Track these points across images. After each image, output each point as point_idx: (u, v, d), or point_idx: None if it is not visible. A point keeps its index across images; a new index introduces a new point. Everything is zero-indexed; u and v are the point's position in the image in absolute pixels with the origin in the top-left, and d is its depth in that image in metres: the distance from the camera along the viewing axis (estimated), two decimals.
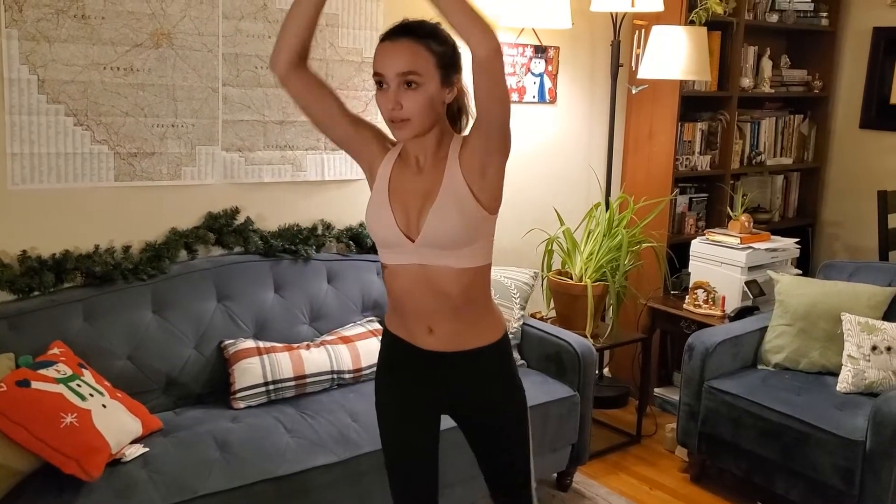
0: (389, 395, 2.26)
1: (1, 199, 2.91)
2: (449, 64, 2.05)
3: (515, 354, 3.60)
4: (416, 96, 1.97)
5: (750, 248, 4.09)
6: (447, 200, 2.03)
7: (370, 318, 3.49)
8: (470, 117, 2.16)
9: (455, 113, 2.16)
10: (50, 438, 2.43)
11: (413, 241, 2.04)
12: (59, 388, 2.56)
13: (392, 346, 2.23)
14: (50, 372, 2.60)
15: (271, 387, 3.09)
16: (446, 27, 2.00)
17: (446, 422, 3.05)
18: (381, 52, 2.00)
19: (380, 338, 2.34)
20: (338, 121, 2.12)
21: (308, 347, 3.23)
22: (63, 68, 2.95)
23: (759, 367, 3.72)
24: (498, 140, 2.02)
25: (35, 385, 2.51)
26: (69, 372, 2.65)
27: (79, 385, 2.63)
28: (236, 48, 3.29)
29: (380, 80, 2.00)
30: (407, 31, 2.01)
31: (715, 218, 4.66)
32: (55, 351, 2.75)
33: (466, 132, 2.13)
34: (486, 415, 2.24)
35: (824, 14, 4.97)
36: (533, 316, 3.93)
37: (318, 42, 3.46)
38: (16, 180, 2.92)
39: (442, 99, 2.04)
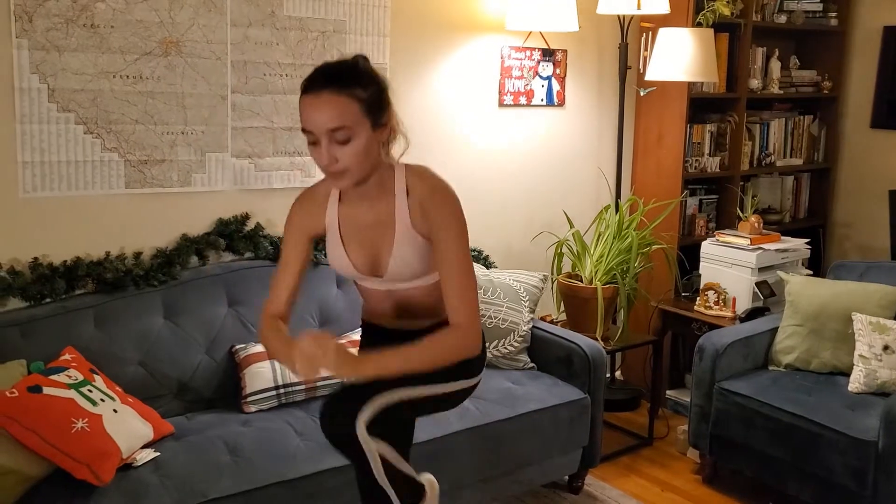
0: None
1: (13, 207, 2.94)
2: (376, 106, 2.01)
3: (525, 357, 3.61)
4: (349, 150, 1.97)
5: (760, 249, 4.08)
6: (404, 243, 2.10)
7: None
8: (402, 137, 2.17)
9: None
10: (61, 443, 2.45)
11: (380, 277, 2.15)
12: (71, 394, 2.58)
13: (365, 328, 2.39)
14: (61, 378, 2.62)
15: (282, 391, 3.10)
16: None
17: (458, 424, 3.07)
18: (306, 108, 1.97)
19: None
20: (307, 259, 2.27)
21: None
22: (73, 77, 2.97)
23: (770, 367, 3.71)
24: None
25: (47, 391, 2.54)
26: (80, 377, 2.67)
27: (90, 390, 2.65)
28: (244, 55, 3.31)
29: (311, 138, 1.99)
30: (328, 81, 1.96)
31: (725, 219, 4.66)
32: (67, 357, 2.78)
33: (401, 158, 2.17)
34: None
35: (833, 14, 4.96)
36: (543, 319, 3.94)
37: (326, 49, 3.49)
38: (27, 188, 2.95)
39: (377, 141, 2.03)
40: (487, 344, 3.53)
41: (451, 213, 2.08)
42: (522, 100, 4.14)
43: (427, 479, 2.36)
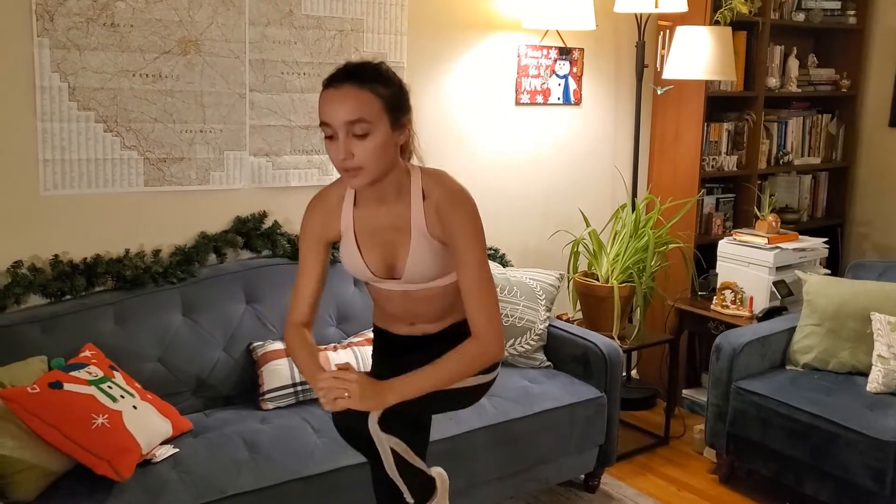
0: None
1: (33, 205, 2.97)
2: (397, 106, 2.01)
3: (541, 355, 3.60)
4: (366, 145, 1.95)
5: (778, 248, 4.06)
6: (420, 247, 2.09)
7: None
8: (415, 155, 2.19)
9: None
10: (82, 439, 2.47)
11: (397, 280, 2.14)
12: (91, 390, 2.60)
13: (378, 335, 2.40)
14: (82, 374, 2.65)
15: (299, 388, 3.11)
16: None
17: (474, 422, 3.07)
18: (326, 101, 1.97)
19: None
20: (326, 263, 2.25)
21: (335, 349, 3.25)
22: (93, 76, 3.00)
23: (788, 367, 3.70)
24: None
25: (67, 387, 2.56)
26: (100, 374, 2.69)
27: (110, 387, 2.67)
28: (263, 54, 3.32)
29: (328, 132, 1.98)
30: (350, 76, 1.96)
31: (742, 218, 4.64)
32: (87, 353, 2.80)
33: (415, 161, 2.19)
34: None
35: (852, 12, 4.93)
36: (559, 318, 3.93)
37: (343, 47, 3.50)
38: (48, 186, 2.97)
39: (394, 142, 2.02)
40: (504, 342, 3.54)
41: (468, 219, 2.07)
42: (539, 98, 4.14)
43: (437, 472, 2.37)
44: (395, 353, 2.32)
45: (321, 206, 2.20)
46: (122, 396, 2.67)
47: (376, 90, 1.96)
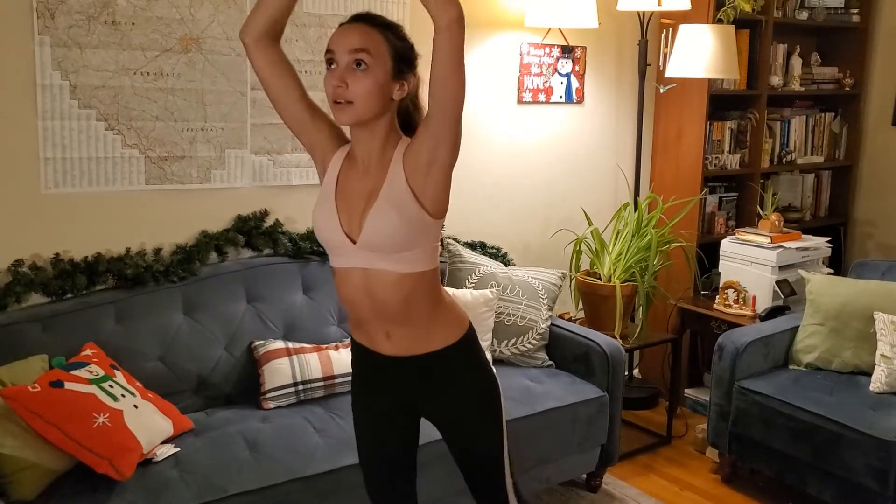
0: (361, 404, 2.25)
1: (34, 203, 2.96)
2: (402, 58, 2.02)
3: (543, 355, 3.59)
4: (363, 78, 1.94)
5: (781, 247, 4.05)
6: (387, 202, 1.99)
7: None
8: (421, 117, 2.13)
9: (406, 117, 2.12)
10: (83, 438, 2.46)
11: (354, 243, 2.02)
12: (92, 389, 2.59)
13: (356, 352, 2.21)
14: (83, 373, 2.64)
15: (300, 387, 3.11)
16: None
17: None
18: (336, 33, 1.98)
19: None
20: (295, 102, 2.07)
21: (337, 348, 3.24)
22: (94, 74, 2.99)
23: (791, 367, 3.69)
24: (448, 133, 1.99)
25: (68, 386, 2.55)
26: (101, 373, 2.69)
27: (111, 386, 2.66)
28: None
29: (330, 59, 1.97)
30: (366, 18, 2.00)
31: (745, 217, 4.63)
32: (88, 352, 2.79)
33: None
34: (453, 411, 2.20)
35: (855, 11, 4.92)
36: (561, 317, 3.93)
37: None
38: (49, 184, 2.97)
39: (390, 91, 2.00)
40: (506, 342, 3.54)
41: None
42: (541, 97, 4.13)
43: None
44: (375, 375, 2.21)
45: (341, 137, 2.14)
46: (123, 395, 2.67)
47: (387, 35, 1.99)
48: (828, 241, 4.30)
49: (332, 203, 2.06)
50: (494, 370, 2.27)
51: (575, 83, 4.24)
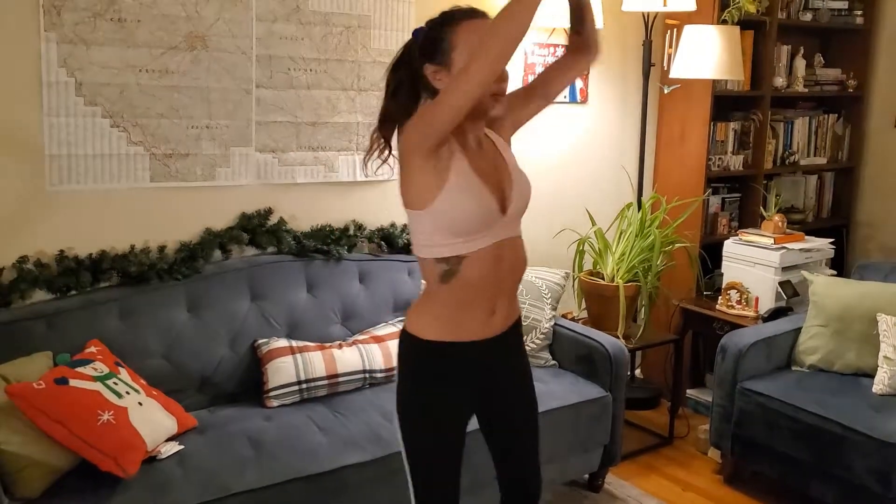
0: (443, 408, 2.16)
1: (40, 200, 2.96)
2: None
3: (546, 354, 3.60)
4: None
5: (784, 248, 4.05)
6: (514, 167, 2.19)
7: (401, 318, 3.50)
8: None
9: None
10: (87, 436, 2.46)
11: (504, 214, 2.09)
12: (96, 386, 2.59)
13: (443, 354, 2.11)
14: (87, 370, 2.64)
15: (304, 386, 3.11)
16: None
17: (477, 421, 3.05)
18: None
19: None
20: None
21: (340, 347, 3.25)
22: (100, 71, 2.99)
23: (794, 368, 3.69)
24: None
25: (73, 383, 2.55)
26: (106, 370, 2.69)
27: (115, 383, 2.66)
28: (269, 50, 3.31)
29: None
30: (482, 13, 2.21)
31: (748, 218, 4.63)
32: (92, 349, 2.79)
33: None
34: (521, 377, 2.32)
35: (859, 12, 4.92)
36: (564, 316, 3.93)
37: (350, 44, 3.48)
38: (54, 181, 2.97)
39: None
40: None
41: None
42: None
43: None
44: (461, 370, 2.16)
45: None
46: (128, 393, 2.67)
47: None
48: (831, 243, 4.30)
49: (481, 184, 2.04)
50: None
51: (579, 83, 4.24)
